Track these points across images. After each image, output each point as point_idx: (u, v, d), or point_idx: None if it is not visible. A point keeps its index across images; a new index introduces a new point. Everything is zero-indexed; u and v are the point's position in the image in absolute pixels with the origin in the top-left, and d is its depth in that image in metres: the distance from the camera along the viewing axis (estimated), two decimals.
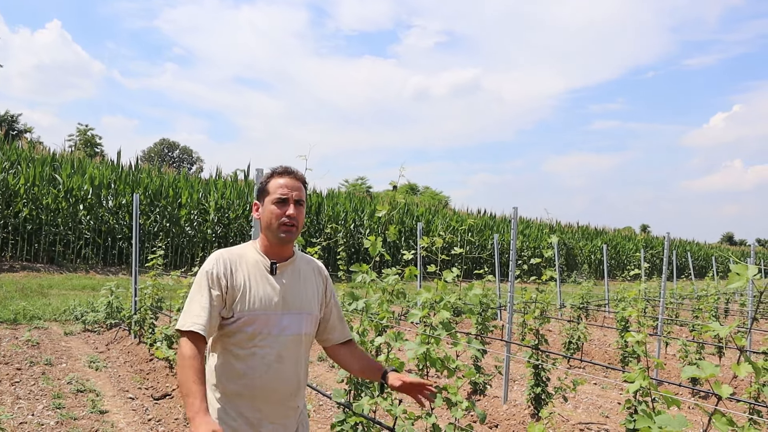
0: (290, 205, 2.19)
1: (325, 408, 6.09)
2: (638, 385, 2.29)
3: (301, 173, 2.29)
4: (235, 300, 2.13)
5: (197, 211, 20.83)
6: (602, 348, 10.79)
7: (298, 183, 2.25)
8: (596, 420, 6.27)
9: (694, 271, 27.99)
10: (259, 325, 2.14)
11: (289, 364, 2.19)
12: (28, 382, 6.29)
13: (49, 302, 11.47)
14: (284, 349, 2.18)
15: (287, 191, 2.20)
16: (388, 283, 3.38)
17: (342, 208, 25.20)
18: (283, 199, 2.19)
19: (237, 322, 2.13)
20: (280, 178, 2.23)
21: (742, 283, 1.69)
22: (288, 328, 2.19)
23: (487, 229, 32.32)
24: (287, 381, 2.20)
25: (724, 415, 1.81)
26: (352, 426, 3.15)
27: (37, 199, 17.37)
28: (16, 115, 41.49)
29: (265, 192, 2.24)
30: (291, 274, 2.26)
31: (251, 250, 2.25)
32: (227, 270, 2.15)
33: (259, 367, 2.13)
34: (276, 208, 2.18)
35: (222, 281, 2.13)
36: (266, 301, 2.15)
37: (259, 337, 2.14)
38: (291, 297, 2.22)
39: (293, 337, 2.21)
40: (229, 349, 2.16)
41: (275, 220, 2.18)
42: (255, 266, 2.20)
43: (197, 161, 65.49)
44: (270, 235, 2.21)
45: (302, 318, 2.24)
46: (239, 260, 2.20)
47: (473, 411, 2.79)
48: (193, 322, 2.06)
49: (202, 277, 2.15)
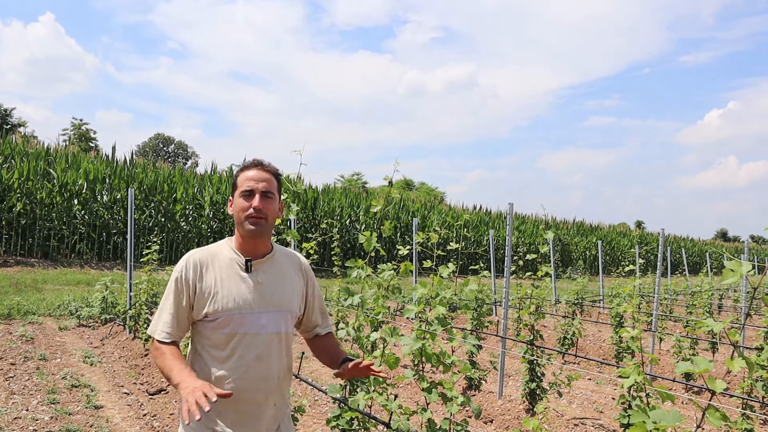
0: (256, 197, 2.14)
1: (320, 403, 6.10)
2: (633, 380, 2.30)
3: (271, 165, 2.24)
4: (206, 302, 2.09)
5: (192, 206, 20.79)
6: (597, 344, 10.84)
7: (267, 174, 2.19)
8: (591, 415, 6.30)
9: (688, 267, 28.09)
10: (236, 325, 2.09)
11: (268, 364, 2.14)
12: (23, 377, 6.27)
13: (43, 297, 11.43)
14: (263, 349, 2.13)
15: (253, 183, 2.15)
16: (384, 278, 3.38)
17: (338, 204, 25.18)
18: (249, 191, 2.15)
19: (213, 323, 2.09)
20: (248, 171, 2.19)
21: (735, 279, 1.69)
22: (266, 326, 2.14)
23: (482, 225, 32.36)
24: (267, 380, 2.15)
25: (718, 410, 1.82)
26: (347, 421, 3.15)
27: (31, 194, 17.29)
28: (10, 109, 41.26)
29: (235, 186, 2.21)
30: (268, 271, 2.20)
31: (226, 248, 2.20)
32: (196, 273, 2.12)
33: (238, 368, 2.09)
34: (243, 201, 2.14)
35: (189, 286, 2.10)
36: (241, 300, 2.10)
37: (236, 337, 2.09)
38: (269, 295, 2.16)
39: (272, 335, 2.15)
40: (208, 350, 2.11)
41: (242, 213, 2.13)
42: (228, 265, 2.15)
43: (192, 156, 65.31)
44: (241, 229, 2.16)
45: (281, 316, 2.19)
46: (211, 260, 2.15)
47: (469, 406, 2.80)
48: (161, 330, 2.10)
49: (171, 281, 2.13)
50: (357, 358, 2.35)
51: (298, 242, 6.39)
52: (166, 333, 2.09)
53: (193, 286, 2.10)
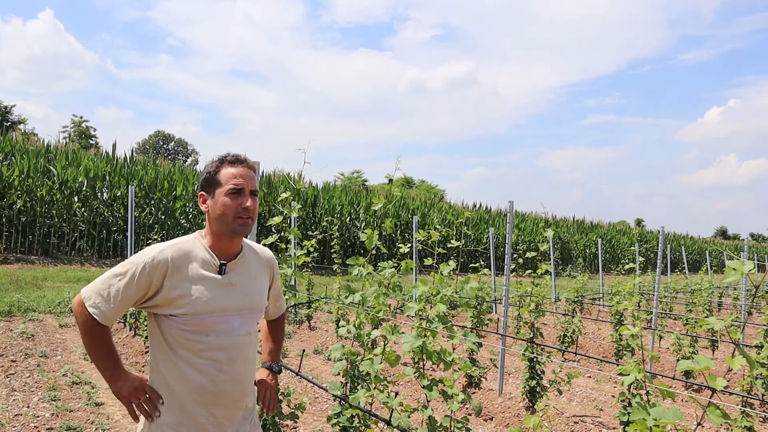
0: (246, 197, 2.06)
1: (320, 401, 6.11)
2: (633, 377, 2.30)
3: (252, 161, 2.16)
4: (175, 303, 1.99)
5: (192, 204, 20.78)
6: (596, 341, 10.85)
7: (252, 172, 2.11)
8: (590, 413, 6.31)
9: (688, 265, 28.10)
10: (208, 327, 2.02)
11: (240, 365, 2.10)
12: (23, 375, 6.28)
13: (43, 294, 11.44)
14: (235, 350, 2.08)
15: (242, 182, 2.06)
16: (384, 276, 3.38)
17: (338, 202, 25.18)
18: (237, 190, 2.05)
19: (184, 324, 1.99)
20: (232, 167, 2.08)
21: (737, 278, 1.70)
22: (239, 328, 2.10)
23: (482, 222, 32.37)
24: (239, 382, 2.11)
25: (719, 407, 1.83)
26: (348, 419, 3.16)
27: (31, 191, 17.28)
28: (10, 106, 41.23)
29: (215, 182, 2.08)
30: (240, 271, 2.14)
31: (198, 247, 2.08)
32: (165, 270, 1.98)
33: (210, 371, 2.03)
34: (230, 200, 2.04)
35: (153, 282, 1.97)
36: (213, 303, 2.02)
37: (207, 339, 2.02)
38: (242, 296, 2.11)
39: (244, 337, 2.12)
40: (179, 353, 2.01)
41: (230, 212, 2.03)
42: (202, 265, 2.05)
43: (192, 153, 65.30)
44: (224, 228, 2.06)
45: (253, 316, 2.17)
46: (184, 259, 2.03)
47: (469, 404, 2.80)
48: (102, 310, 1.96)
49: (133, 266, 1.97)
50: (275, 367, 2.47)
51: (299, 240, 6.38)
52: (102, 313, 1.96)
53: (159, 283, 1.98)
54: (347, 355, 3.26)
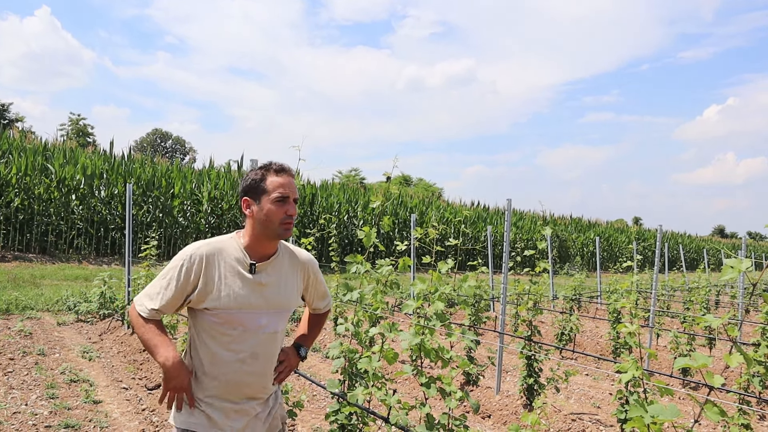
0: (290, 205, 2.22)
1: (318, 398, 6.11)
2: (631, 375, 2.31)
3: (293, 170, 2.32)
4: (208, 297, 2.15)
5: (190, 202, 20.76)
6: (594, 339, 10.87)
7: (294, 181, 2.28)
8: (588, 410, 6.32)
9: (685, 263, 28.15)
10: (236, 323, 2.17)
11: (262, 361, 2.24)
12: (21, 372, 6.27)
13: (41, 292, 11.42)
14: (259, 347, 2.22)
15: (287, 191, 2.22)
16: (382, 274, 3.38)
17: (336, 200, 25.17)
18: (283, 198, 2.20)
19: (213, 317, 2.16)
20: (278, 176, 2.23)
21: (734, 276, 1.70)
22: (266, 326, 2.23)
23: (480, 221, 32.38)
24: (261, 376, 2.25)
25: (716, 405, 1.83)
26: (346, 416, 3.16)
27: (29, 189, 17.24)
28: (8, 104, 41.12)
29: (262, 190, 2.22)
30: (272, 272, 2.27)
31: (233, 246, 2.23)
32: (201, 266, 2.16)
33: (233, 363, 2.18)
34: (276, 207, 2.19)
35: (191, 278, 2.15)
36: (243, 300, 2.17)
37: (234, 333, 2.17)
38: (271, 296, 2.24)
39: (270, 334, 2.25)
40: (206, 342, 2.18)
41: (276, 218, 2.18)
42: (234, 264, 2.20)
43: (190, 151, 65.17)
44: (268, 232, 2.21)
45: (280, 315, 2.29)
46: (218, 255, 2.19)
47: (467, 401, 2.81)
48: (149, 308, 2.18)
49: (175, 266, 2.17)
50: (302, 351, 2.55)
51: (297, 237, 6.38)
52: (152, 310, 2.17)
53: (196, 278, 2.15)
54: (345, 353, 3.26)
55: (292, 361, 2.48)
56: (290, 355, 2.47)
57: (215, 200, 21.15)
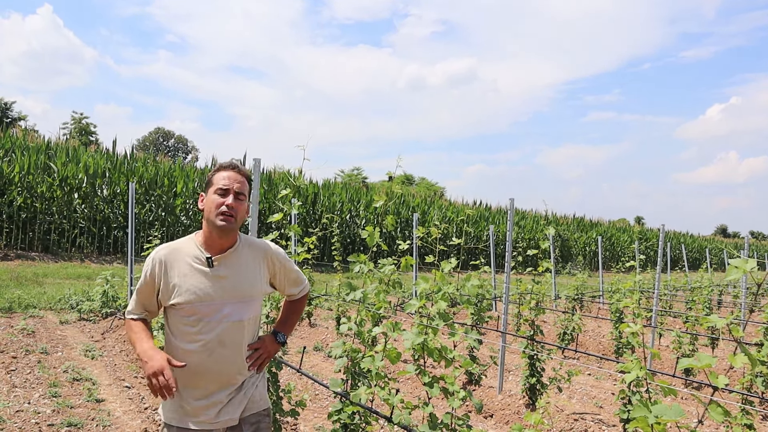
0: (230, 196, 2.31)
1: (321, 397, 6.11)
2: (634, 375, 2.30)
3: (246, 170, 2.41)
4: (171, 294, 2.30)
5: (192, 201, 20.77)
6: (596, 339, 10.86)
7: (241, 177, 2.37)
8: (590, 410, 6.32)
9: (688, 263, 28.11)
10: (199, 314, 2.29)
11: (231, 348, 2.35)
12: (24, 371, 6.28)
13: (44, 291, 11.44)
14: (225, 335, 2.32)
15: (229, 183, 2.32)
16: (385, 273, 3.38)
17: (338, 199, 25.16)
18: (224, 189, 2.32)
19: (180, 311, 2.30)
20: (225, 171, 2.37)
21: (739, 276, 1.70)
22: (229, 315, 2.33)
23: (482, 220, 32.36)
24: (231, 363, 2.35)
25: (720, 405, 1.83)
26: (349, 415, 3.16)
27: (31, 188, 17.28)
28: (10, 102, 41.19)
29: (209, 183, 2.37)
30: (230, 264, 2.37)
31: (190, 244, 2.38)
32: (161, 267, 2.32)
33: (203, 352, 2.29)
34: (217, 197, 2.31)
35: (155, 280, 2.33)
36: (202, 293, 2.29)
37: (200, 325, 2.30)
38: (231, 287, 2.35)
39: (235, 323, 2.35)
40: (176, 334, 2.33)
41: (215, 209, 2.30)
42: (191, 261, 2.33)
43: (192, 150, 65.24)
44: (210, 224, 2.33)
45: (244, 305, 2.38)
46: (176, 255, 2.34)
47: (470, 401, 2.81)
48: (129, 311, 2.42)
49: (143, 272, 2.38)
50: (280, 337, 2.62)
51: (300, 237, 6.37)
52: (134, 314, 2.41)
53: (159, 279, 2.32)
54: (348, 352, 3.26)
55: (269, 347, 2.55)
56: (267, 342, 2.55)
57: None
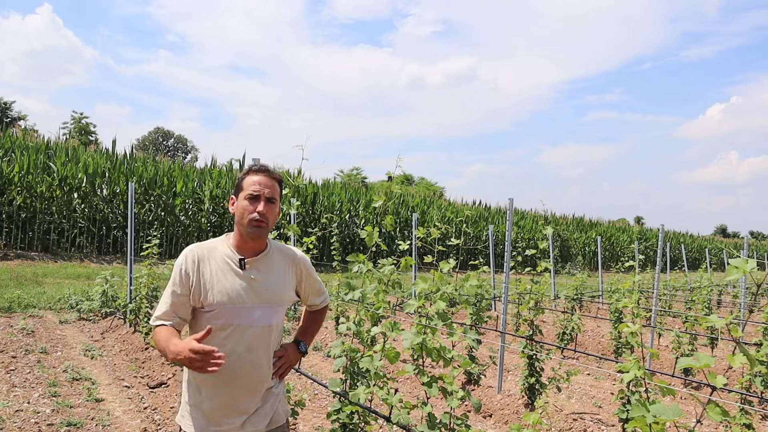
0: (261, 202, 2.26)
1: (320, 397, 6.11)
2: (633, 374, 2.30)
3: (277, 172, 2.36)
4: (202, 294, 2.22)
5: (192, 201, 20.78)
6: (596, 339, 10.86)
7: (272, 181, 2.32)
8: (589, 410, 6.32)
9: (687, 263, 28.12)
10: (229, 317, 2.22)
11: (258, 353, 2.29)
12: (24, 370, 6.28)
13: (43, 291, 11.44)
14: (254, 340, 2.27)
15: (260, 188, 2.27)
16: (384, 273, 3.38)
17: (337, 199, 25.16)
18: (255, 195, 2.26)
19: (208, 313, 2.23)
20: (255, 175, 2.31)
21: (738, 276, 1.70)
22: (259, 320, 2.28)
23: (482, 220, 32.37)
24: (257, 369, 2.29)
25: (718, 405, 1.83)
26: (347, 415, 3.16)
27: (31, 187, 17.27)
28: (10, 102, 41.16)
29: (240, 188, 2.32)
30: (262, 268, 2.32)
31: (222, 245, 2.32)
32: (194, 266, 2.24)
33: (229, 357, 2.20)
34: (248, 204, 2.26)
35: (189, 278, 2.23)
36: (234, 295, 2.23)
37: (229, 329, 2.23)
38: (262, 290, 2.29)
39: (264, 327, 2.30)
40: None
41: (246, 215, 2.25)
42: (224, 261, 2.28)
43: (192, 150, 65.19)
44: (241, 229, 2.28)
45: (273, 309, 2.34)
46: (209, 255, 2.28)
47: (468, 400, 2.81)
48: (156, 317, 2.25)
49: (173, 273, 2.27)
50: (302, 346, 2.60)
51: (299, 237, 6.38)
52: (164, 320, 2.23)
53: (192, 277, 2.23)
54: (347, 352, 3.26)
55: (292, 356, 2.51)
56: (290, 350, 2.51)
57: (217, 199, 21.17)
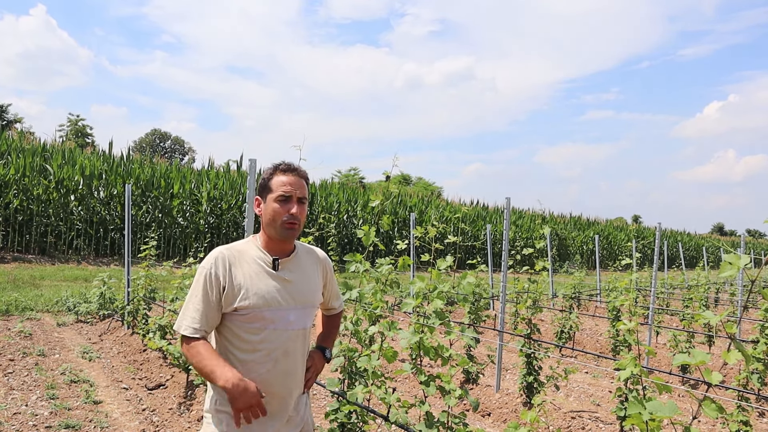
0: (293, 204, 2.19)
1: (318, 397, 6.12)
2: (629, 372, 2.31)
3: (303, 170, 2.27)
4: (236, 298, 2.11)
5: (189, 202, 20.74)
6: (593, 337, 10.88)
7: (301, 180, 2.24)
8: (587, 408, 6.33)
9: (684, 261, 28.18)
10: (266, 321, 2.13)
11: (294, 358, 2.22)
12: (22, 373, 6.27)
13: (41, 293, 11.41)
14: (290, 344, 2.19)
15: (290, 189, 2.19)
16: (382, 272, 3.39)
17: (335, 199, 25.16)
18: (286, 197, 2.18)
19: (243, 317, 2.12)
20: (284, 175, 2.21)
21: (733, 272, 1.71)
22: (295, 323, 2.20)
23: (479, 219, 32.38)
24: (293, 374, 2.22)
25: (714, 401, 1.84)
26: (346, 414, 3.17)
27: (27, 190, 17.22)
28: (6, 105, 41.06)
29: (268, 189, 2.22)
30: (294, 269, 2.25)
31: (252, 247, 2.23)
32: (225, 269, 2.13)
33: (266, 362, 2.13)
34: (279, 206, 2.17)
35: (220, 281, 2.11)
36: (270, 297, 2.14)
37: (265, 332, 2.13)
38: (296, 292, 2.22)
39: (299, 331, 2.22)
40: (235, 343, 2.15)
41: (278, 218, 2.16)
42: (256, 263, 2.18)
43: (189, 151, 65.14)
44: (272, 232, 2.20)
45: (307, 311, 2.27)
46: (239, 257, 2.18)
47: (466, 399, 2.81)
48: (188, 326, 2.11)
49: (200, 276, 2.14)
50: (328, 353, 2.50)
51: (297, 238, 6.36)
52: (193, 328, 2.10)
53: (223, 281, 2.12)
54: (345, 352, 3.27)
55: (318, 364, 2.43)
56: (316, 358, 2.43)
57: (214, 200, 21.13)
